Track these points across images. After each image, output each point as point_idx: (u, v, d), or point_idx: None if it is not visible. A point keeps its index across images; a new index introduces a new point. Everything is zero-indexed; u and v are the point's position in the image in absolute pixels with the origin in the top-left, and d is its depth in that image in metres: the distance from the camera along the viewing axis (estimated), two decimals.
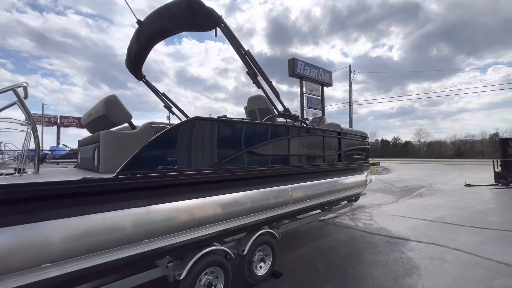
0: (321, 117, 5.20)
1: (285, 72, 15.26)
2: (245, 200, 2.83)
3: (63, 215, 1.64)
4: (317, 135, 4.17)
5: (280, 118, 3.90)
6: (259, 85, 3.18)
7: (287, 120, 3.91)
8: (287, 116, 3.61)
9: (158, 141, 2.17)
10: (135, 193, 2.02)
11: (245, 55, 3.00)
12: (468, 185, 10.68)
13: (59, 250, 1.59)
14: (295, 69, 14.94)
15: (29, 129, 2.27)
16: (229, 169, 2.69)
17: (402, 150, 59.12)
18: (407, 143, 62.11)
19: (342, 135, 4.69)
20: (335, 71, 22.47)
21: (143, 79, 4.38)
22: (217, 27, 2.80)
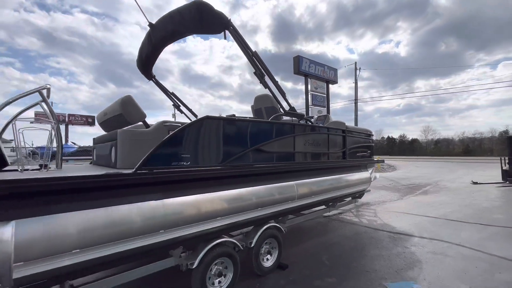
0: (326, 115, 5.28)
1: (290, 69, 15.30)
2: (252, 195, 2.97)
3: (90, 206, 1.81)
4: (322, 133, 4.28)
5: (285, 116, 4.02)
6: (266, 85, 3.29)
7: (293, 118, 4.02)
8: (293, 114, 3.72)
9: (172, 139, 2.32)
10: (152, 187, 2.18)
11: (253, 56, 3.12)
12: (474, 183, 10.62)
13: (87, 237, 1.76)
14: (300, 66, 14.95)
15: (53, 128, 2.44)
16: (238, 166, 2.83)
17: (408, 147, 58.43)
18: (414, 141, 61.35)
19: (346, 132, 4.77)
20: (340, 68, 22.35)
21: (153, 79, 4.55)
22: (226, 30, 2.92)
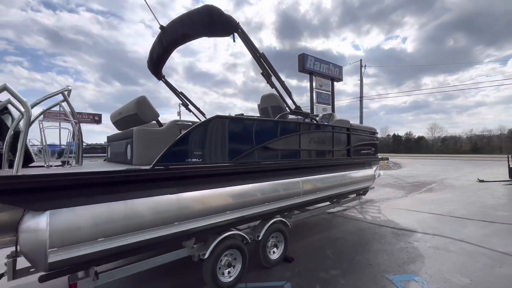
0: (330, 114, 5.38)
1: (294, 66, 15.34)
2: (260, 190, 3.11)
3: (113, 199, 1.98)
4: (327, 131, 4.38)
5: (291, 115, 4.14)
6: (273, 85, 3.42)
7: (298, 117, 4.14)
8: (298, 113, 3.84)
9: (185, 137, 2.47)
10: (168, 182, 2.34)
11: (260, 58, 3.24)
12: (480, 181, 10.57)
13: (111, 227, 1.93)
14: (305, 64, 14.97)
15: (74, 126, 2.61)
16: (246, 162, 2.97)
17: (414, 145, 57.82)
18: (420, 138, 60.64)
19: (351, 130, 4.87)
20: (345, 65, 22.21)
21: (163, 79, 4.71)
22: (234, 33, 3.05)
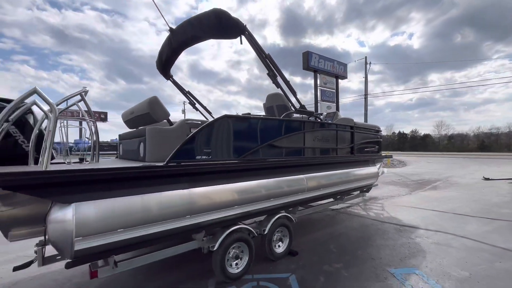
0: (334, 112, 5.46)
1: (299, 63, 15.36)
2: (266, 186, 3.25)
3: (130, 193, 2.13)
4: (331, 129, 4.48)
5: (296, 114, 4.25)
6: (278, 85, 3.53)
7: (303, 116, 4.25)
8: (303, 112, 3.95)
9: (196, 136, 2.61)
10: (180, 178, 2.49)
11: (266, 59, 3.35)
12: (486, 179, 10.53)
13: (128, 219, 2.08)
14: (310, 62, 14.99)
15: (91, 125, 2.78)
16: (253, 160, 3.10)
17: (420, 143, 57.22)
18: (426, 136, 59.98)
19: (354, 129, 4.96)
20: (350, 63, 22.11)
21: (171, 79, 4.86)
22: (242, 35, 3.17)
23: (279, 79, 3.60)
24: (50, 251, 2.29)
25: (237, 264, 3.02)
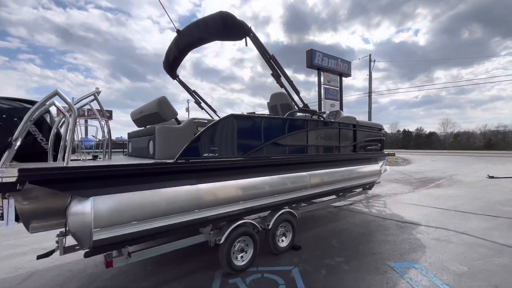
0: (337, 111, 5.54)
1: (302, 61, 15.38)
2: (270, 183, 3.37)
3: (143, 188, 2.27)
4: (333, 128, 4.58)
5: (299, 112, 4.35)
6: (282, 85, 3.64)
7: (306, 114, 4.35)
8: (306, 111, 4.05)
9: (203, 134, 2.74)
10: (188, 174, 2.63)
11: (270, 59, 3.46)
12: (490, 177, 10.49)
13: (141, 212, 2.22)
14: (313, 60, 14.99)
15: (104, 123, 2.93)
16: (258, 157, 3.23)
17: (425, 141, 56.68)
18: (431, 134, 59.39)
19: (357, 127, 5.04)
20: (354, 60, 22.03)
21: (177, 79, 4.99)
22: (246, 37, 3.27)
23: (283, 79, 3.70)
24: (70, 241, 2.45)
25: (242, 257, 3.16)
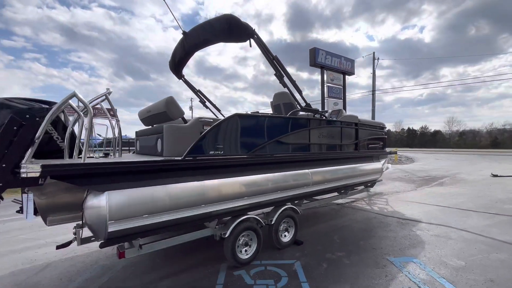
0: (339, 110, 5.63)
1: (306, 59, 15.39)
2: (273, 180, 3.49)
3: (154, 184, 2.41)
4: (335, 126, 4.67)
5: (302, 112, 4.45)
6: (285, 85, 3.74)
7: (308, 113, 4.45)
8: (308, 110, 4.16)
9: (209, 133, 2.87)
10: (195, 171, 2.76)
11: (273, 60, 3.57)
12: (494, 176, 10.47)
13: (152, 206, 2.37)
14: (316, 58, 15.00)
15: (115, 123, 3.07)
16: (262, 155, 3.35)
17: (430, 139, 56.14)
18: (437, 132, 58.75)
19: (359, 126, 5.12)
20: (358, 58, 21.93)
21: (183, 78, 5.12)
22: (251, 39, 3.39)
23: (286, 79, 3.81)
24: (85, 234, 2.61)
25: (246, 250, 3.29)
